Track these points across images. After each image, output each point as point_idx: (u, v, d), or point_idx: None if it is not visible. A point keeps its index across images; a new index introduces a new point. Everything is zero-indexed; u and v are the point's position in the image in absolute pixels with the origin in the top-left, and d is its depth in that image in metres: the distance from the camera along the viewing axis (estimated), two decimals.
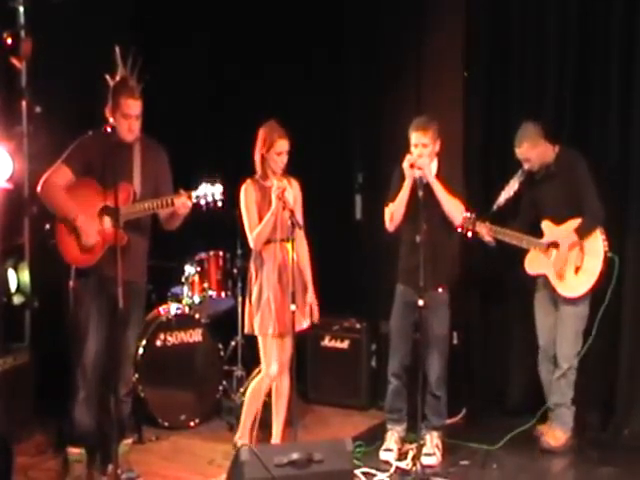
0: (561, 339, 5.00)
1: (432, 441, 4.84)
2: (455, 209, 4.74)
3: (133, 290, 4.26)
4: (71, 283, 4.39)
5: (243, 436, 4.76)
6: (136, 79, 4.38)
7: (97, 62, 4.55)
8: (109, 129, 4.18)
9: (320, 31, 6.11)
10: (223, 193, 4.29)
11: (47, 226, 4.37)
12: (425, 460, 4.66)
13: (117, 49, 4.38)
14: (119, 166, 4.17)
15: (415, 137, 4.73)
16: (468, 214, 4.80)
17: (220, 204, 4.30)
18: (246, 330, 4.76)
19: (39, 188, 4.31)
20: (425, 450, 4.74)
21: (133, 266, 4.25)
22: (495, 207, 5.02)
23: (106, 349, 4.32)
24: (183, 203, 4.25)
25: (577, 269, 4.88)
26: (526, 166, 4.96)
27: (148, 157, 4.37)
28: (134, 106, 4.28)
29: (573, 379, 5.00)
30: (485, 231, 4.89)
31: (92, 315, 4.31)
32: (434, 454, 4.80)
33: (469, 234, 4.83)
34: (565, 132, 5.23)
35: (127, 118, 4.27)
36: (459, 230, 4.80)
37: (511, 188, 4.99)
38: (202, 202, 4.28)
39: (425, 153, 4.70)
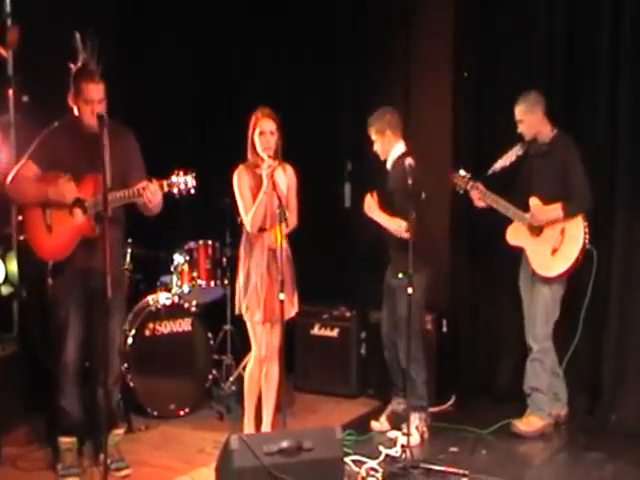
0: (532, 319, 5.04)
1: (413, 422, 4.81)
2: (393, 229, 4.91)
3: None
4: (49, 281, 4.35)
5: (249, 422, 4.78)
6: (95, 62, 4.29)
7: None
8: (74, 118, 4.10)
9: (311, 21, 6.11)
10: (196, 179, 4.21)
11: (20, 218, 4.31)
12: (403, 440, 4.63)
13: (77, 35, 4.29)
14: (88, 156, 4.10)
15: None
16: (463, 173, 5.00)
17: (193, 192, 4.22)
18: (236, 311, 4.75)
19: (7, 184, 4.25)
20: (404, 430, 4.71)
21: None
22: (490, 172, 5.14)
23: (88, 341, 4.31)
24: (152, 192, 4.16)
25: (554, 251, 4.94)
26: (519, 129, 5.02)
27: (117, 144, 4.25)
28: (95, 90, 4.20)
29: (549, 364, 5.02)
30: (476, 193, 5.01)
31: (71, 311, 4.29)
32: (412, 435, 4.70)
33: (461, 192, 5.06)
34: (554, 119, 5.23)
35: (89, 103, 4.19)
36: (455, 189, 5.06)
37: (509, 158, 5.12)
38: (175, 190, 4.20)
39: (378, 148, 4.98)
